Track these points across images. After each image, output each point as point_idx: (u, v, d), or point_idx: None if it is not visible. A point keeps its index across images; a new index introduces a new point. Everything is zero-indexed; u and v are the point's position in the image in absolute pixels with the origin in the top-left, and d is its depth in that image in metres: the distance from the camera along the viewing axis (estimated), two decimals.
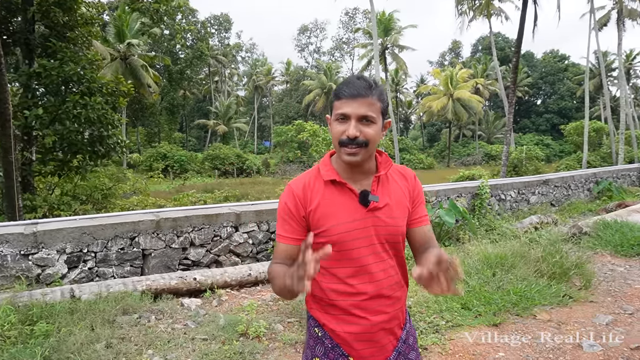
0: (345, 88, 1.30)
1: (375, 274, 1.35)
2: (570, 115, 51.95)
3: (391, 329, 1.40)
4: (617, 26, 27.12)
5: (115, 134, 10.24)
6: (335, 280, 1.37)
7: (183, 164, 33.61)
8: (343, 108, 1.30)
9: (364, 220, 1.34)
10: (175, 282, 4.31)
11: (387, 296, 1.37)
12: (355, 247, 1.34)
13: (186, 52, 38.54)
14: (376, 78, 20.93)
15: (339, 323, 1.38)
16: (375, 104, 1.30)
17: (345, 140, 1.29)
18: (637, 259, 6.05)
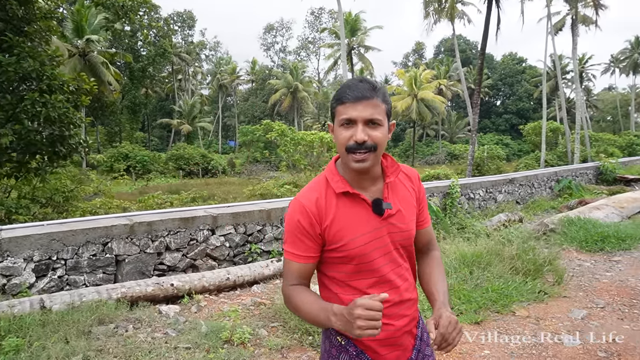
0: (349, 91, 1.24)
1: (394, 281, 1.35)
2: (528, 116, 54.00)
3: (411, 330, 1.41)
4: (571, 31, 28.34)
5: (77, 133, 9.81)
6: (355, 292, 1.33)
7: (146, 165, 32.66)
8: (348, 112, 1.23)
9: (379, 230, 1.31)
10: (152, 288, 4.14)
11: (407, 300, 1.38)
12: (374, 257, 1.31)
13: (148, 50, 37.42)
14: (343, 78, 20.92)
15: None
16: (380, 105, 1.25)
17: (353, 145, 1.23)
18: (601, 254, 6.33)
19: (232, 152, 49.30)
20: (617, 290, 4.68)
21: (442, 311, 1.27)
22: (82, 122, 10.18)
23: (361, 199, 1.31)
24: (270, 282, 5.05)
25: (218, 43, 65.48)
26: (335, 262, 1.33)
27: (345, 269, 1.33)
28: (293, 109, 46.14)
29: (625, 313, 4.07)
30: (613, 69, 57.21)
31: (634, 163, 19.34)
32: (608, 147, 29.10)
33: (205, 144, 51.35)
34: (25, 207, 9.36)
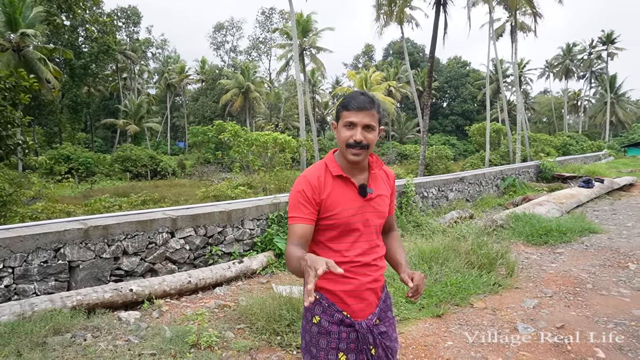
0: (353, 102, 1.64)
1: (366, 250, 1.72)
2: (473, 117, 56.46)
3: (375, 289, 1.74)
4: (511, 37, 29.91)
5: (16, 133, 9.21)
6: (332, 253, 1.69)
7: (89, 167, 31.12)
8: (351, 117, 1.63)
9: (362, 207, 1.70)
10: (110, 294, 3.97)
11: (373, 265, 1.73)
12: (354, 228, 1.69)
13: (91, 46, 35.66)
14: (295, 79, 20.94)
15: (336, 284, 1.69)
16: (375, 115, 1.66)
17: (352, 143, 1.63)
18: (546, 246, 6.74)
19: (182, 154, 47.95)
20: (562, 280, 5.01)
21: (409, 271, 1.75)
22: (21, 121, 9.58)
23: (351, 182, 1.71)
24: (232, 284, 4.98)
25: (165, 41, 63.35)
26: (323, 229, 1.70)
27: (330, 235, 1.70)
28: (245, 110, 45.57)
29: (570, 301, 4.37)
30: (548, 73, 61.06)
31: (568, 162, 20.71)
32: (545, 147, 30.96)
33: (153, 145, 49.64)
34: None
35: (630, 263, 5.65)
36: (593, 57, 55.82)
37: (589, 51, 55.78)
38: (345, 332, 1.68)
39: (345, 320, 1.68)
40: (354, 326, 1.68)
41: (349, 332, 1.68)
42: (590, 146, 38.67)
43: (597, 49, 54.75)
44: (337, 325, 1.69)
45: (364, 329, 1.68)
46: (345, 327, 1.68)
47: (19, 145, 9.49)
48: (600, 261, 5.81)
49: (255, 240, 5.80)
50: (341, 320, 1.68)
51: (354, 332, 1.68)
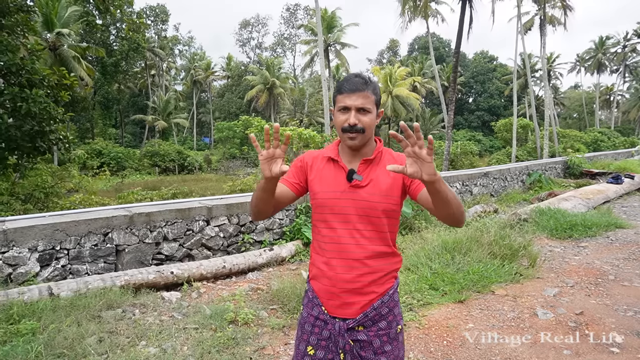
0: (346, 84, 1.56)
1: (350, 242, 1.57)
2: (499, 113, 55.49)
3: (356, 290, 1.57)
4: (540, 31, 29.37)
5: (57, 129, 9.75)
6: (320, 238, 1.64)
7: (120, 161, 32.18)
8: (344, 101, 1.55)
9: (345, 193, 1.58)
10: (153, 276, 4.31)
11: (354, 259, 1.56)
12: (336, 211, 1.58)
13: (121, 44, 36.72)
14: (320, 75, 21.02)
15: (315, 280, 1.65)
16: (370, 96, 1.55)
17: (347, 127, 1.54)
18: (570, 240, 6.80)
19: (208, 149, 48.90)
20: (584, 271, 5.11)
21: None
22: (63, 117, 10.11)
23: (340, 166, 1.62)
24: (264, 270, 5.28)
25: (192, 38, 64.62)
26: (313, 210, 1.67)
27: (316, 217, 1.65)
28: (269, 106, 46.07)
29: (591, 290, 4.48)
30: (579, 68, 59.45)
31: (598, 158, 20.29)
32: (575, 143, 30.30)
33: (180, 141, 50.74)
34: (5, 204, 9.27)
35: None
36: (627, 51, 54.03)
37: (623, 44, 54.02)
38: (319, 328, 1.63)
39: (320, 315, 1.63)
40: (328, 324, 1.61)
41: (322, 328, 1.62)
42: (623, 142, 37.57)
43: (632, 41, 52.97)
44: (313, 318, 1.65)
45: (335, 331, 1.59)
46: (320, 322, 1.63)
47: (60, 140, 10.03)
48: (624, 255, 5.86)
49: (284, 229, 6.08)
50: (317, 314, 1.64)
51: (327, 330, 1.61)
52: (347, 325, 1.57)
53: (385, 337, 1.60)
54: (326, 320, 1.61)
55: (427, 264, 5.01)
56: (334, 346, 1.60)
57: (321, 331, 1.62)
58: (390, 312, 1.62)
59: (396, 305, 1.65)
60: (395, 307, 1.64)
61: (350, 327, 1.58)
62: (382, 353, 1.58)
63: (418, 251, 5.38)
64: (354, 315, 1.57)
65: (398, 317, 1.65)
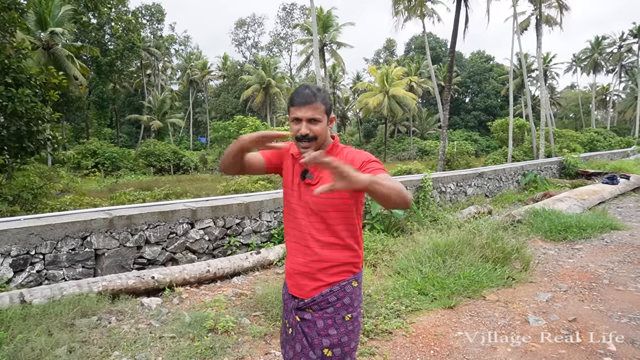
0: (296, 97, 1.70)
1: (302, 226, 1.75)
2: (496, 113, 55.48)
3: (306, 274, 1.74)
4: (536, 30, 29.28)
5: (45, 129, 9.57)
6: (285, 225, 1.87)
7: (115, 161, 31.94)
8: (296, 113, 1.69)
9: (301, 189, 1.76)
10: (133, 281, 4.17)
11: (305, 246, 1.74)
12: (295, 204, 1.78)
13: (116, 43, 36.48)
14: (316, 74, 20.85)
15: (286, 260, 1.87)
16: (319, 107, 1.69)
17: (299, 137, 1.69)
18: (564, 242, 6.69)
19: (204, 149, 48.65)
20: (578, 275, 4.99)
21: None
22: (50, 117, 9.95)
23: (299, 164, 1.77)
24: (250, 274, 5.14)
25: (188, 38, 64.22)
26: (284, 197, 1.85)
27: (284, 202, 1.85)
28: (265, 105, 45.91)
29: (585, 295, 4.36)
30: (575, 68, 59.49)
31: (594, 158, 20.23)
32: (571, 143, 30.26)
33: (176, 140, 50.53)
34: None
35: None
36: (623, 51, 54.09)
37: (619, 44, 54.08)
38: (286, 304, 1.86)
39: (285, 294, 1.88)
40: (287, 300, 1.84)
41: (287, 302, 1.84)
42: (619, 142, 37.56)
43: (628, 42, 53.04)
44: (285, 296, 1.89)
45: (289, 307, 1.82)
46: (285, 298, 1.87)
47: (49, 140, 9.85)
48: (619, 257, 5.75)
49: (272, 232, 5.94)
50: (284, 292, 1.89)
51: (287, 306, 1.85)
52: (297, 305, 1.76)
53: (330, 321, 1.71)
54: (289, 298, 1.83)
55: (418, 267, 4.88)
56: (286, 319, 1.84)
57: (286, 306, 1.86)
58: (339, 301, 1.72)
59: (347, 296, 1.73)
60: (344, 297, 1.73)
61: (300, 307, 1.76)
62: (325, 335, 1.71)
63: (409, 254, 5.24)
64: (305, 296, 1.74)
65: (349, 307, 1.74)
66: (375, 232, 6.47)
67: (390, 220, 7.12)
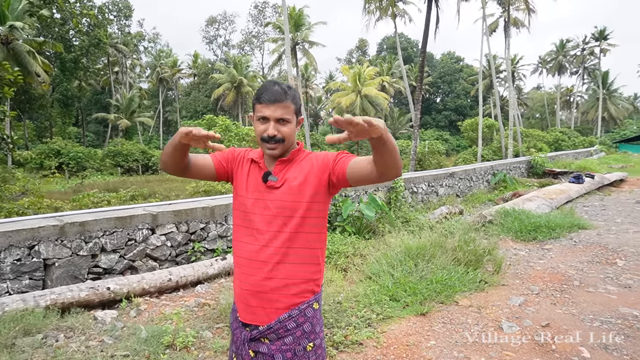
0: (265, 94, 1.50)
1: (258, 237, 1.52)
2: (466, 113, 56.46)
3: (262, 295, 1.50)
4: (504, 32, 29.85)
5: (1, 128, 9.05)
6: (235, 239, 1.61)
7: (80, 161, 30.81)
8: (263, 111, 1.51)
9: (262, 193, 1.55)
10: (86, 293, 3.86)
11: (263, 261, 1.50)
12: (253, 212, 1.55)
13: (81, 39, 35.20)
14: (288, 73, 20.61)
15: (234, 282, 1.61)
16: (289, 106, 1.52)
17: (266, 137, 1.51)
18: (534, 242, 6.70)
19: None
20: (549, 277, 4.96)
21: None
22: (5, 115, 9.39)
23: (259, 167, 1.60)
24: (215, 282, 4.89)
25: (157, 35, 62.81)
26: (233, 207, 1.65)
27: (236, 220, 1.63)
28: (237, 104, 45.29)
29: (557, 298, 4.31)
30: (541, 69, 61.17)
31: (560, 158, 20.74)
32: (537, 143, 31.05)
33: (145, 140, 49.27)
34: None
35: (618, 259, 5.61)
36: (586, 54, 55.97)
37: (582, 47, 55.93)
38: (235, 335, 1.61)
39: (234, 322, 1.63)
40: (238, 330, 1.60)
41: (237, 335, 1.60)
42: (582, 142, 38.83)
43: (590, 45, 54.92)
44: (234, 324, 1.64)
45: (239, 338, 1.57)
46: (235, 327, 1.62)
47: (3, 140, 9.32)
48: (588, 257, 5.77)
49: None
50: (233, 320, 1.64)
51: (237, 337, 1.59)
52: (251, 335, 1.52)
53: (289, 354, 1.49)
54: (238, 327, 1.58)
55: (389, 272, 4.74)
56: (239, 352, 1.56)
57: (236, 338, 1.59)
58: (299, 328, 1.51)
59: (307, 322, 1.52)
60: (305, 324, 1.52)
61: (254, 338, 1.52)
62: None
63: (380, 258, 5.11)
64: (260, 323, 1.51)
65: (310, 334, 1.53)
66: (347, 235, 6.31)
67: (362, 222, 6.99)
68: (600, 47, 53.17)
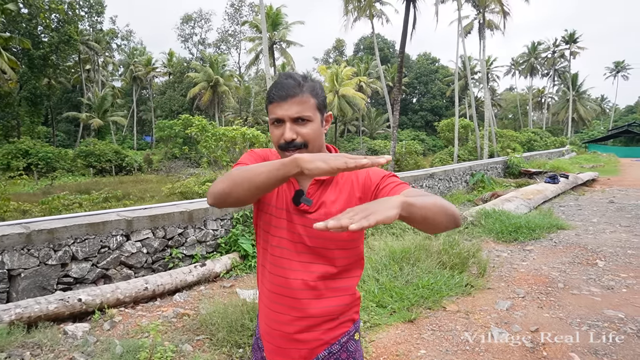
0: (275, 90, 1.22)
1: (289, 268, 1.25)
2: (442, 113, 57.25)
3: (295, 337, 1.25)
4: (479, 34, 30.31)
5: None
6: (261, 263, 1.34)
7: (50, 162, 29.80)
8: (276, 112, 1.22)
9: (292, 215, 1.26)
10: (55, 306, 3.61)
11: (294, 298, 1.24)
12: (280, 235, 1.27)
13: (51, 36, 34.04)
14: (265, 73, 20.26)
15: (259, 315, 1.38)
16: (308, 101, 1.21)
17: (284, 144, 1.21)
18: (516, 243, 6.71)
19: (149, 148, 46.62)
20: (533, 279, 4.94)
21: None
22: None
23: (291, 181, 1.28)
24: (194, 290, 4.69)
25: (131, 32, 61.45)
26: (257, 224, 1.35)
27: (259, 233, 1.34)
28: (213, 104, 44.62)
29: (543, 301, 4.28)
30: (514, 71, 62.53)
31: (534, 158, 21.15)
32: (511, 143, 31.60)
33: (119, 140, 48.12)
34: None
35: (599, 260, 5.66)
36: (556, 56, 57.48)
37: (552, 50, 57.41)
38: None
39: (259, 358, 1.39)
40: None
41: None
42: (554, 142, 39.79)
43: (560, 47, 56.41)
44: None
45: None
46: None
47: None
48: (569, 258, 5.80)
49: (218, 241, 5.50)
50: (260, 358, 1.38)
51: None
52: None
53: None
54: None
55: (374, 276, 4.64)
56: None
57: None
58: None
59: (351, 358, 1.30)
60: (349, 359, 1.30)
61: None
62: None
63: (364, 262, 4.99)
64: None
65: None
66: None
67: None
68: (570, 50, 54.70)
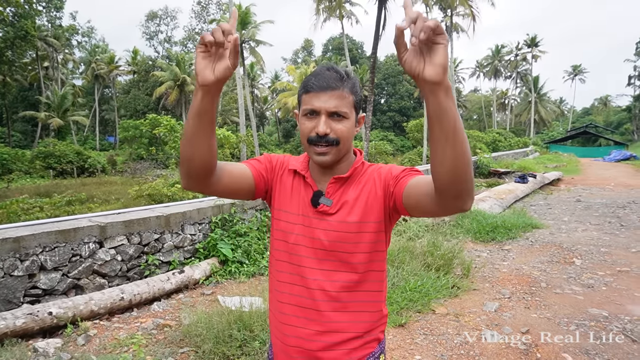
0: (314, 80, 1.16)
1: (308, 277, 1.18)
2: (410, 114, 58.02)
3: (315, 354, 1.17)
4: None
5: None
6: (274, 274, 1.26)
7: (6, 164, 28.31)
8: (312, 102, 1.15)
9: (310, 220, 1.20)
10: (23, 321, 3.33)
11: (316, 310, 1.17)
12: (298, 242, 1.20)
13: (5, 30, 32.41)
14: (235, 72, 19.76)
15: (272, 331, 1.29)
16: (347, 97, 1.16)
17: (315, 138, 1.15)
18: (494, 243, 6.79)
19: (112, 149, 45.15)
20: (516, 279, 4.98)
21: None
22: None
23: (308, 184, 1.24)
24: (173, 298, 4.47)
25: (92, 29, 59.29)
26: (273, 230, 1.28)
27: (274, 242, 1.27)
28: (180, 103, 43.63)
29: (529, 301, 4.31)
30: (478, 73, 64.20)
31: (501, 158, 21.70)
32: (477, 143, 32.36)
33: (80, 140, 46.36)
34: None
35: (575, 258, 5.77)
36: (519, 59, 59.38)
37: (515, 53, 59.26)
38: None
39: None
40: None
41: None
42: (517, 142, 41.01)
43: (523, 51, 58.32)
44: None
45: None
46: None
47: None
48: (547, 257, 5.90)
49: (197, 246, 5.28)
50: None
51: None
52: None
53: None
54: None
55: None
56: None
57: None
58: None
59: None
60: None
61: None
62: None
63: None
64: None
65: None
66: None
67: None
68: (532, 53, 56.66)
